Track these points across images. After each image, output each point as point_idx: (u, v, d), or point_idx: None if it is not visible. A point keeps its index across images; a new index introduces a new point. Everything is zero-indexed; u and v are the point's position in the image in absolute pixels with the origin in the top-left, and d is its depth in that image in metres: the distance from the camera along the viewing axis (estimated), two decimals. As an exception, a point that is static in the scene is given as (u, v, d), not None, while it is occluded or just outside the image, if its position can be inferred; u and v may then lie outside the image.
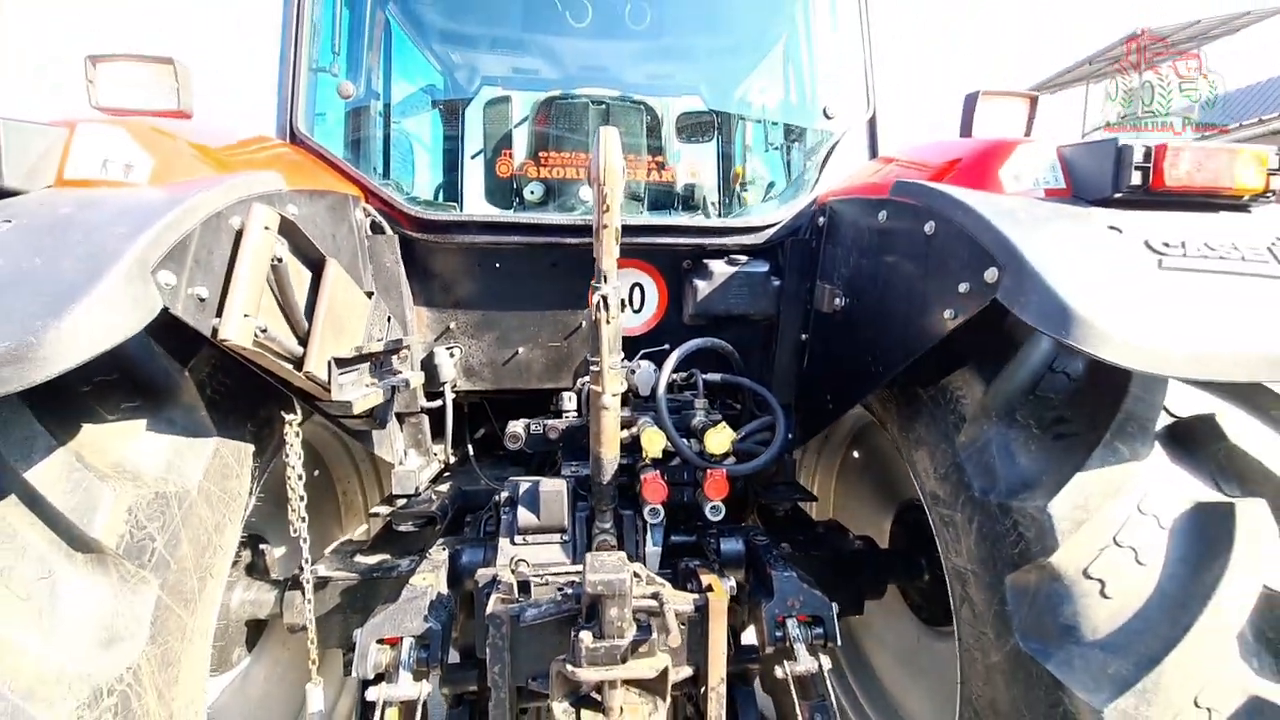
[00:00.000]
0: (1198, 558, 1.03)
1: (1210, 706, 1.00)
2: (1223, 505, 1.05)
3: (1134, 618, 1.02)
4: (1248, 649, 1.03)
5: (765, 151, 2.27)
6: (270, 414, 1.33)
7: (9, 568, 0.91)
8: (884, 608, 2.34)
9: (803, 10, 2.10)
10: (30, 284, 0.75)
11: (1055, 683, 1.03)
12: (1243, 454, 1.10)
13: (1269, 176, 1.10)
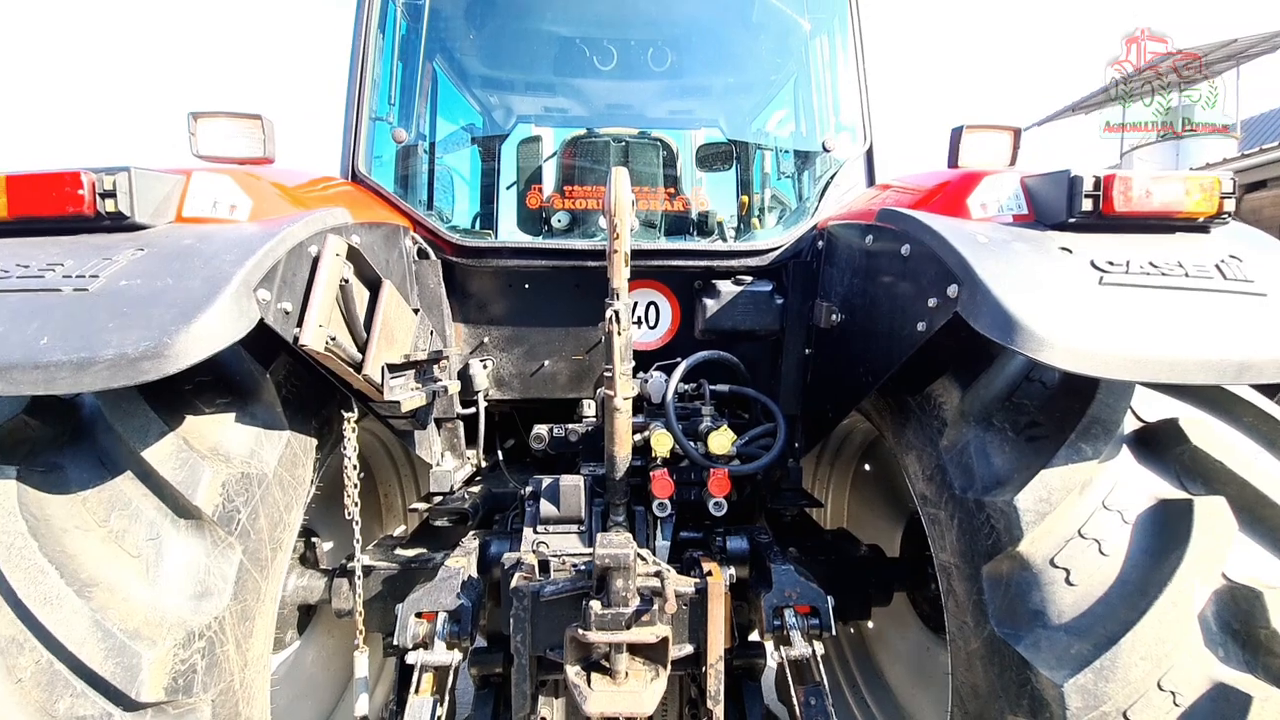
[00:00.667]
0: (1158, 550, 1.11)
1: (1174, 690, 1.07)
2: (1182, 502, 1.13)
3: (1096, 603, 1.11)
4: (1213, 638, 1.10)
5: (772, 181, 2.44)
6: (330, 414, 1.53)
7: (124, 530, 1.11)
8: (895, 619, 2.40)
9: (806, 54, 2.29)
10: (164, 299, 0.97)
11: (1024, 663, 1.12)
12: (1205, 455, 1.18)
13: (1221, 200, 1.21)
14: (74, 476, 1.13)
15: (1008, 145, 1.69)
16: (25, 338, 0.92)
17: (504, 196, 2.38)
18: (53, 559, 1.02)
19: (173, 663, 1.04)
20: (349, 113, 1.91)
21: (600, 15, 2.50)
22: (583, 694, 1.18)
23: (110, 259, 1.04)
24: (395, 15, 2.03)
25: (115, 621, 1.01)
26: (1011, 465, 1.24)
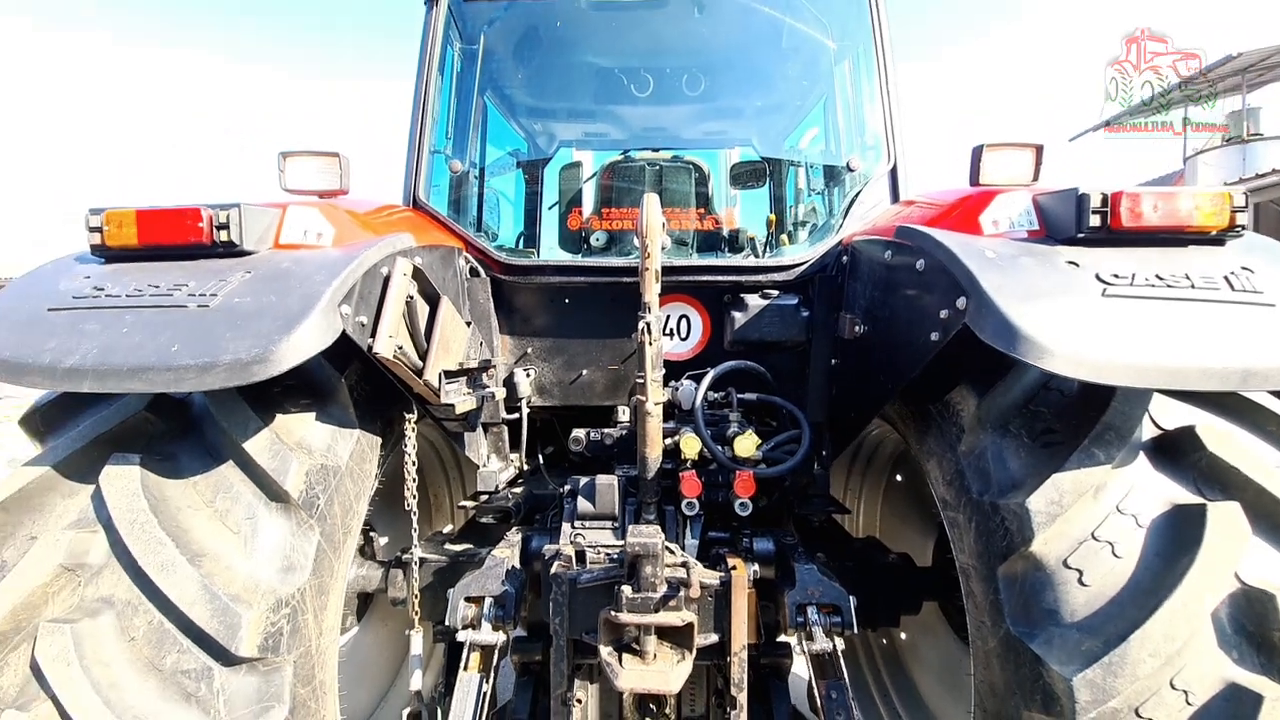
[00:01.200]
0: (1171, 553, 1.14)
1: (1187, 689, 1.10)
2: (1196, 507, 1.16)
3: (1108, 603, 1.14)
4: (1226, 640, 1.12)
5: (800, 198, 2.54)
6: (392, 416, 1.71)
7: (227, 509, 1.30)
8: (928, 630, 2.40)
9: (833, 76, 2.39)
10: (269, 313, 1.15)
11: (1037, 660, 1.17)
12: (1222, 462, 1.20)
13: (1233, 215, 1.24)
14: (185, 464, 1.32)
15: (1030, 162, 1.74)
16: (159, 345, 1.12)
17: (546, 218, 2.57)
18: (169, 532, 1.20)
19: (265, 624, 1.21)
20: (411, 147, 2.13)
21: (637, 46, 2.67)
22: (615, 671, 1.29)
23: (225, 280, 1.23)
24: (453, 59, 2.25)
25: (220, 586, 1.19)
26: (1026, 470, 1.29)
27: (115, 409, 1.34)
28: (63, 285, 1.27)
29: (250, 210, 1.33)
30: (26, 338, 1.17)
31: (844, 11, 2.26)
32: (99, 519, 1.24)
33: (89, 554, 1.21)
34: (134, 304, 1.20)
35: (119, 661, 1.15)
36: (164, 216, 1.30)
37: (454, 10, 2.19)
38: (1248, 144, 13.02)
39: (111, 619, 1.17)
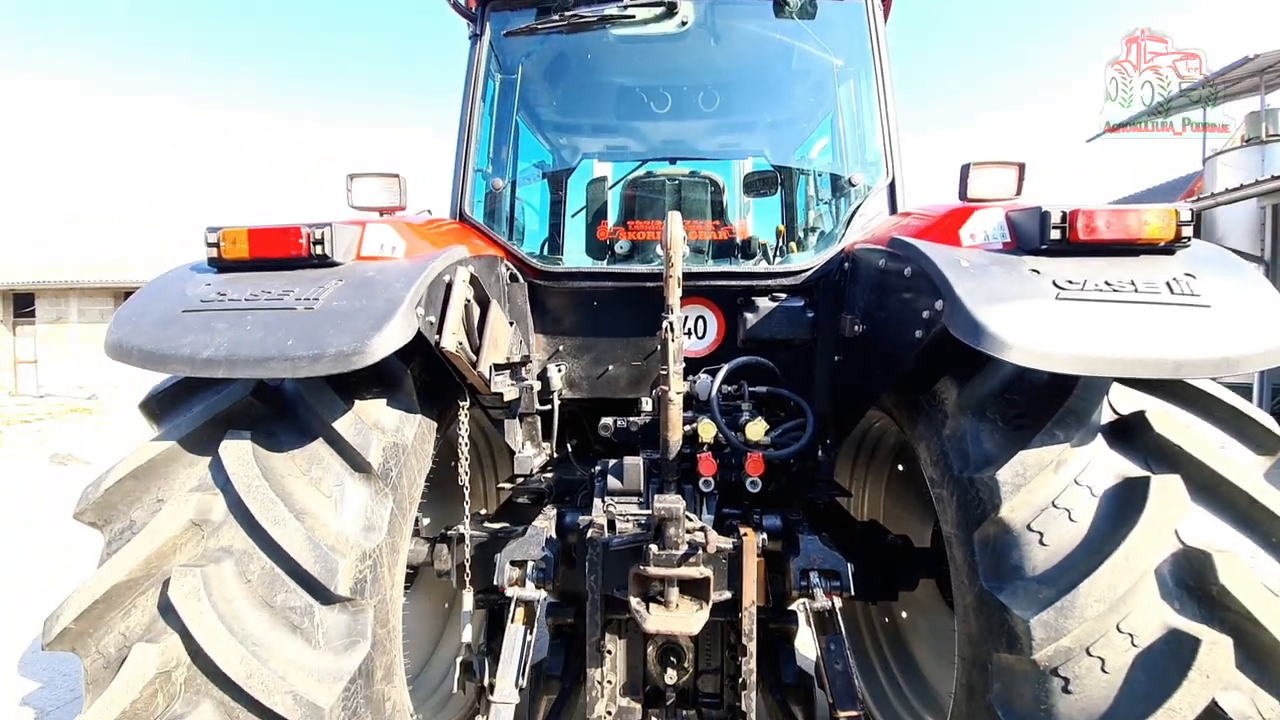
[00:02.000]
0: (1118, 517, 1.34)
1: (1132, 633, 1.29)
2: (1142, 479, 1.35)
3: (1063, 559, 1.34)
4: (1169, 592, 1.31)
5: (806, 209, 2.75)
6: (445, 403, 1.95)
7: (320, 478, 1.55)
8: (925, 609, 2.60)
9: (838, 95, 2.60)
10: (361, 314, 1.40)
11: (1003, 608, 1.36)
12: (1168, 442, 1.39)
13: (1179, 228, 1.44)
14: (284, 440, 1.57)
15: (1013, 178, 1.94)
16: (276, 340, 1.37)
17: (576, 228, 2.82)
18: (278, 494, 1.46)
19: (355, 572, 1.46)
20: (457, 166, 2.38)
21: (658, 69, 2.91)
22: (643, 616, 1.52)
23: (322, 287, 1.49)
24: (494, 88, 2.50)
25: (320, 538, 1.43)
26: (998, 448, 1.49)
27: (224, 395, 1.60)
28: (189, 291, 1.53)
29: (339, 228, 1.58)
30: (166, 333, 1.44)
31: (847, 38, 2.48)
32: (217, 483, 1.50)
33: (211, 512, 1.46)
34: (252, 306, 1.46)
35: (238, 600, 1.41)
36: (270, 234, 1.56)
37: (494, 44, 2.44)
38: (1266, 145, 12.88)
39: (231, 565, 1.43)
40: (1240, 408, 1.50)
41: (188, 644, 1.36)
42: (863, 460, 2.88)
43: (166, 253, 21.85)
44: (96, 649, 1.43)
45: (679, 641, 1.83)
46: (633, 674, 1.85)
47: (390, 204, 2.05)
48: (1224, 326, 1.30)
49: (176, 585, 1.36)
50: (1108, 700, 1.26)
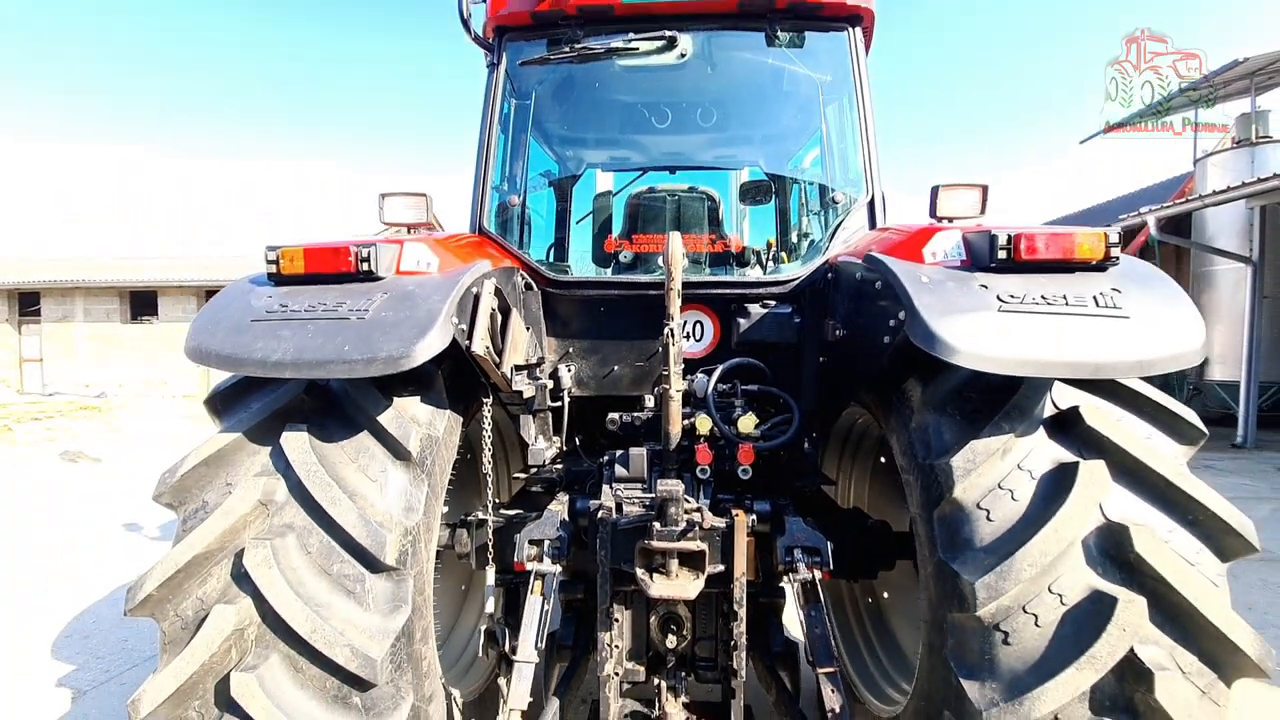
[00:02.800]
0: (1051, 495, 1.57)
1: (1061, 593, 1.52)
2: (1072, 463, 1.59)
3: (1005, 532, 1.57)
4: (1093, 560, 1.54)
5: (794, 222, 2.99)
6: (469, 401, 2.18)
7: (367, 465, 1.77)
8: (903, 588, 2.83)
9: (823, 116, 2.83)
10: (406, 323, 1.63)
11: (955, 574, 1.59)
12: (1097, 432, 1.62)
13: (1108, 248, 1.67)
14: (334, 432, 1.80)
15: (978, 199, 2.16)
16: (335, 345, 1.60)
17: (585, 241, 3.05)
18: (333, 478, 1.69)
19: (399, 545, 1.68)
20: (476, 184, 2.61)
21: (659, 89, 3.14)
22: (647, 584, 1.75)
23: (371, 299, 1.71)
24: (510, 111, 2.73)
25: (370, 516, 1.66)
26: (955, 438, 1.72)
27: (281, 392, 1.83)
28: (254, 302, 1.76)
29: (382, 247, 1.81)
30: (239, 340, 1.66)
31: (832, 66, 2.71)
32: (278, 469, 1.72)
33: (276, 493, 1.69)
34: (311, 316, 1.68)
35: (301, 568, 1.64)
36: (323, 252, 1.79)
37: (510, 72, 2.67)
38: (1256, 147, 13.09)
39: (294, 539, 1.66)
40: (1166, 404, 1.73)
41: (259, 605, 1.59)
42: (849, 453, 3.12)
43: (169, 251, 22.08)
44: (175, 613, 1.66)
45: (678, 611, 2.06)
46: (637, 640, 2.08)
47: (416, 220, 2.28)
48: (1140, 334, 1.53)
49: (250, 555, 1.59)
50: (1040, 650, 1.50)
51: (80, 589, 4.98)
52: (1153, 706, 1.42)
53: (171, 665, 1.58)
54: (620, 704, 2.01)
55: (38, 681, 3.62)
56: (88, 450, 11.57)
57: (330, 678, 1.60)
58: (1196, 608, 1.46)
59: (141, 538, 6.52)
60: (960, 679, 1.56)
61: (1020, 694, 1.47)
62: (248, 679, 1.53)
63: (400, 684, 1.68)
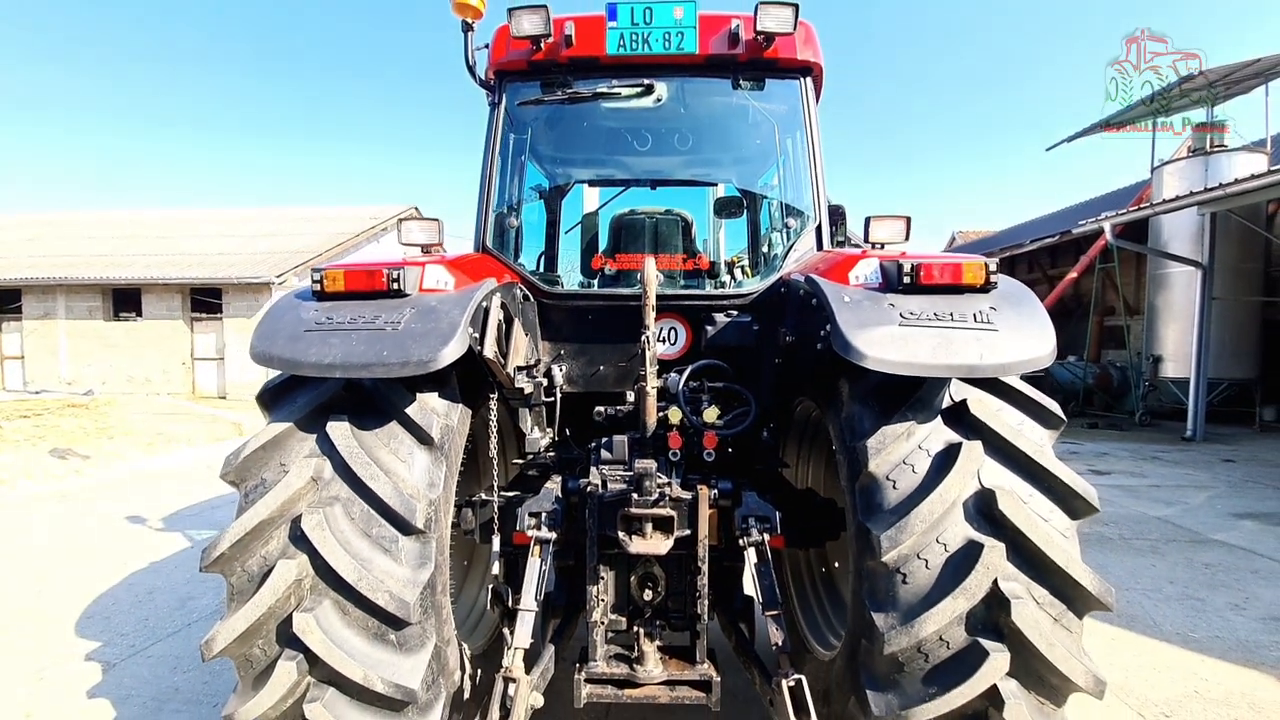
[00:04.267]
0: (941, 468, 2.00)
1: (945, 543, 1.96)
2: (957, 443, 2.03)
3: (906, 497, 2.00)
4: (970, 517, 1.98)
5: (755, 245, 3.42)
6: (475, 395, 2.57)
7: (396, 448, 2.16)
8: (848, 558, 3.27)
9: (778, 153, 3.27)
10: (432, 334, 2.01)
11: (868, 531, 2.03)
12: (978, 419, 2.06)
13: (987, 274, 2.11)
14: (368, 422, 2.18)
15: (902, 228, 2.60)
16: (375, 351, 1.99)
17: (574, 258, 3.46)
18: (371, 459, 2.07)
19: (425, 511, 2.08)
20: (480, 207, 3.00)
21: (640, 124, 3.55)
22: (627, 543, 2.17)
23: (401, 313, 2.10)
24: (510, 142, 3.12)
25: (402, 489, 2.05)
26: (872, 425, 2.14)
27: (323, 389, 2.20)
28: (304, 315, 2.14)
29: (408, 269, 2.20)
30: (296, 346, 2.04)
31: (787, 109, 3.14)
32: (324, 452, 2.10)
33: (324, 471, 2.07)
34: (353, 328, 2.07)
35: (347, 531, 2.02)
36: (359, 273, 2.17)
37: (509, 110, 3.06)
38: (1210, 156, 13.84)
39: (340, 508, 2.04)
40: (1037, 398, 2.19)
41: (314, 560, 1.97)
42: (806, 442, 3.56)
43: (151, 249, 21.94)
44: (241, 569, 2.03)
45: (654, 570, 2.48)
46: (620, 595, 2.50)
47: (429, 242, 2.66)
48: (1005, 343, 1.98)
49: (306, 520, 1.97)
50: (928, 586, 1.94)
51: (90, 577, 5.26)
52: (1012, 626, 1.86)
53: (242, 610, 1.95)
54: (605, 648, 2.43)
55: (67, 658, 3.93)
56: (77, 448, 11.68)
57: (371, 618, 2.00)
58: (1045, 553, 1.91)
59: (143, 528, 6.78)
60: (871, 612, 2.00)
61: (913, 619, 1.91)
62: (307, 618, 1.92)
63: (426, 626, 2.08)
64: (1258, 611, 4.44)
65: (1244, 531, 6.41)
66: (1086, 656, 1.93)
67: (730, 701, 2.93)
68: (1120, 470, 9.46)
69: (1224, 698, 3.35)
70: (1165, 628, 4.22)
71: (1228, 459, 10.33)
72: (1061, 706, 1.98)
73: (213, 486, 8.62)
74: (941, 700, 1.86)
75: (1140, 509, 7.25)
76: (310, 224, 23.71)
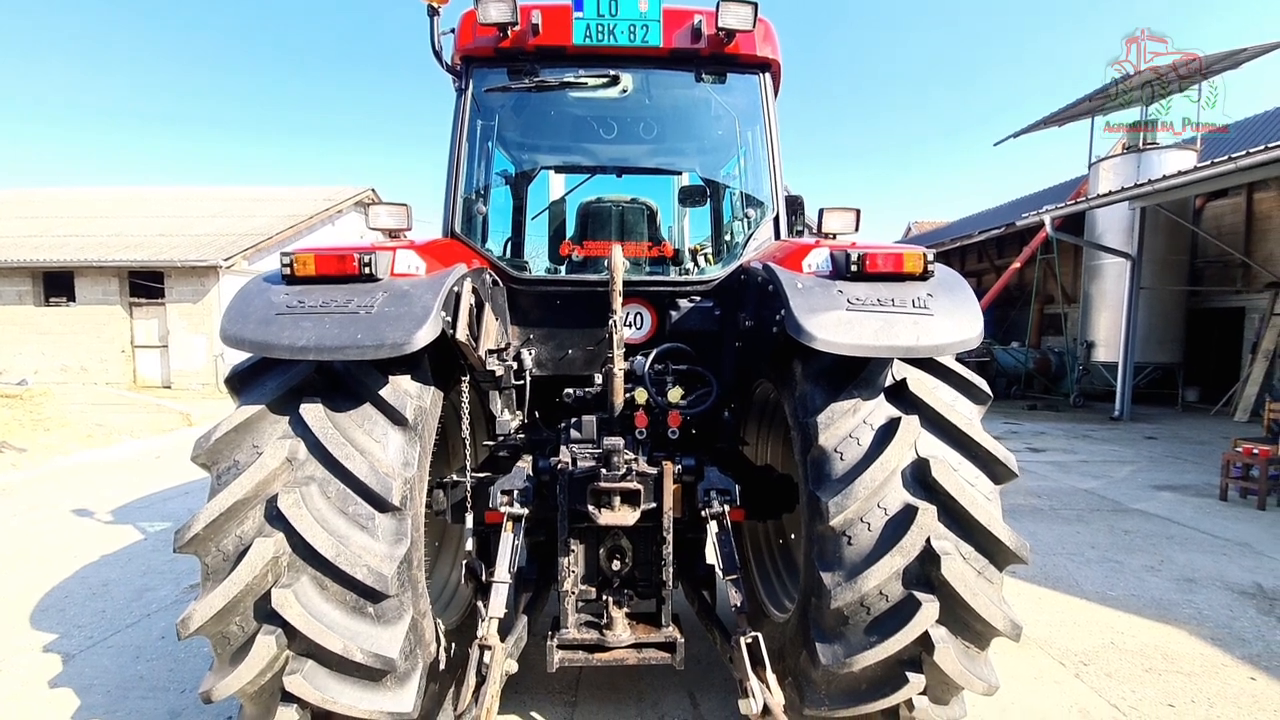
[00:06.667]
0: (882, 440, 2.20)
1: (885, 507, 2.16)
2: (897, 418, 2.23)
3: (852, 467, 2.20)
4: (908, 483, 2.19)
5: (715, 233, 3.56)
6: (448, 378, 2.64)
7: (370, 430, 2.21)
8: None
9: (738, 145, 3.40)
10: (406, 317, 2.06)
11: (817, 498, 2.21)
12: (916, 396, 2.26)
13: (925, 264, 2.31)
14: (341, 404, 2.23)
15: (853, 219, 2.78)
16: (349, 334, 2.04)
17: (542, 244, 3.52)
18: (346, 439, 2.13)
19: (401, 490, 2.15)
20: (448, 193, 3.03)
21: (607, 113, 3.62)
22: (596, 515, 2.30)
23: (374, 297, 2.15)
24: (477, 129, 3.15)
25: (378, 468, 2.12)
26: (823, 402, 2.32)
27: (295, 372, 2.24)
28: (274, 299, 2.16)
29: (380, 254, 2.24)
30: (269, 329, 2.07)
31: (747, 103, 3.27)
32: (298, 433, 2.14)
33: (298, 452, 2.12)
34: (326, 311, 2.11)
35: (324, 509, 2.08)
36: (331, 257, 2.20)
37: (476, 97, 3.09)
38: (1143, 153, 14.71)
39: (316, 488, 2.09)
40: (968, 377, 2.40)
41: (291, 538, 2.02)
42: (765, 423, 3.75)
43: (84, 229, 20.60)
44: (216, 548, 2.07)
45: (622, 543, 2.63)
46: (590, 567, 2.63)
47: (398, 227, 2.69)
48: (939, 327, 2.18)
49: (283, 499, 2.02)
50: (870, 546, 2.14)
51: (39, 572, 5.08)
52: (941, 579, 2.08)
53: (219, 588, 2.00)
54: (576, 616, 2.57)
55: (23, 650, 3.83)
56: (12, 440, 11.03)
57: (349, 592, 2.07)
58: (971, 514, 2.13)
59: (92, 522, 6.54)
60: (820, 572, 2.20)
61: (856, 576, 2.11)
62: (286, 593, 1.98)
63: (403, 599, 2.16)
64: (1171, 573, 4.91)
65: (1162, 501, 7.02)
66: (1006, 605, 2.17)
67: (693, 665, 3.12)
68: (1054, 448, 10.14)
69: (1139, 649, 3.73)
70: (1086, 587, 4.64)
71: (1150, 436, 11.19)
72: (984, 650, 2.23)
73: (161, 478, 8.34)
74: (881, 647, 2.08)
75: (1070, 482, 7.84)
76: (260, 204, 22.67)
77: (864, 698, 2.16)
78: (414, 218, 2.73)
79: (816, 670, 2.19)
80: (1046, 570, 4.93)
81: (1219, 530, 6.00)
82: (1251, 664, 3.52)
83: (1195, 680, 3.36)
